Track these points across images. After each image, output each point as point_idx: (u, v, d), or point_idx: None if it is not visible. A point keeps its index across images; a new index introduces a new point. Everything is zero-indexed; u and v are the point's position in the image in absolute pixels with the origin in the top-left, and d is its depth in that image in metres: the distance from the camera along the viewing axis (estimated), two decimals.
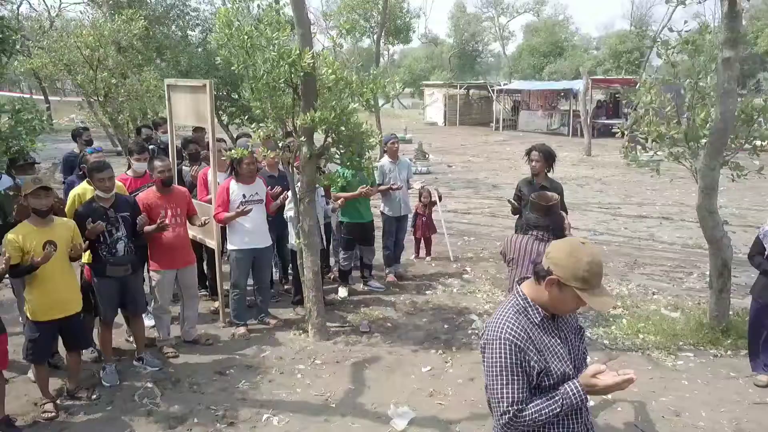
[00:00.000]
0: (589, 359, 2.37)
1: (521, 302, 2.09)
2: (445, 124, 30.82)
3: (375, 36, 16.15)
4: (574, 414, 2.07)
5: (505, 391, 1.99)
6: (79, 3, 30.69)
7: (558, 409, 1.98)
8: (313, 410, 4.30)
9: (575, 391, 1.99)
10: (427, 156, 16.64)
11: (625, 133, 5.95)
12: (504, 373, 1.99)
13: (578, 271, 1.93)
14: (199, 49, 14.96)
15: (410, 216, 7.60)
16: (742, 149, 4.98)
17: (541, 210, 3.91)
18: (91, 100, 7.96)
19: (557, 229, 3.93)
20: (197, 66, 13.78)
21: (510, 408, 1.98)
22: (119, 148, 13.06)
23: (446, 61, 44.53)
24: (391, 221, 7.06)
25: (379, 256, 7.22)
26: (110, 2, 11.37)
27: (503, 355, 1.99)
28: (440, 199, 8.25)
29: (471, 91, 32.81)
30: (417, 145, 17.17)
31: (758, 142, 4.87)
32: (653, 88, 4.90)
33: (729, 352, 5.14)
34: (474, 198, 12.57)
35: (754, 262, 4.61)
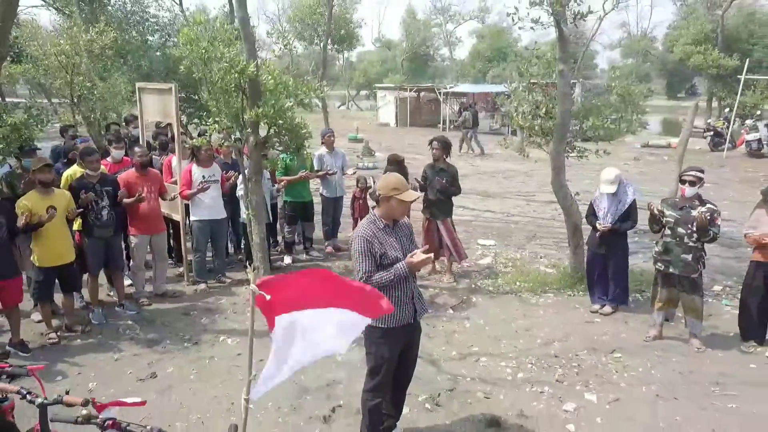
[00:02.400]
0: None
1: (372, 217, 3.57)
2: (397, 125, 32.21)
3: (322, 43, 17.51)
4: (404, 281, 3.54)
5: (362, 266, 3.44)
6: (36, 6, 30.95)
7: (392, 277, 3.44)
8: (259, 334, 5.56)
9: (402, 266, 3.45)
10: (373, 153, 18.08)
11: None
12: (361, 255, 3.44)
13: (390, 185, 3.46)
14: (158, 53, 15.95)
15: (346, 197, 9.00)
16: (582, 138, 6.63)
17: (393, 164, 6.69)
18: (67, 102, 9.05)
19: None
20: (157, 70, 14.84)
21: (364, 275, 3.43)
22: None
23: (400, 64, 46.17)
24: (329, 201, 8.46)
25: (319, 233, 8.61)
26: (83, 15, 12.33)
27: (359, 245, 3.44)
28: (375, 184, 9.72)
29: (421, 94, 34.42)
30: (364, 143, 18.59)
31: (595, 132, 6.49)
32: (516, 91, 6.49)
33: (581, 293, 6.74)
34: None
35: (588, 221, 6.21)
